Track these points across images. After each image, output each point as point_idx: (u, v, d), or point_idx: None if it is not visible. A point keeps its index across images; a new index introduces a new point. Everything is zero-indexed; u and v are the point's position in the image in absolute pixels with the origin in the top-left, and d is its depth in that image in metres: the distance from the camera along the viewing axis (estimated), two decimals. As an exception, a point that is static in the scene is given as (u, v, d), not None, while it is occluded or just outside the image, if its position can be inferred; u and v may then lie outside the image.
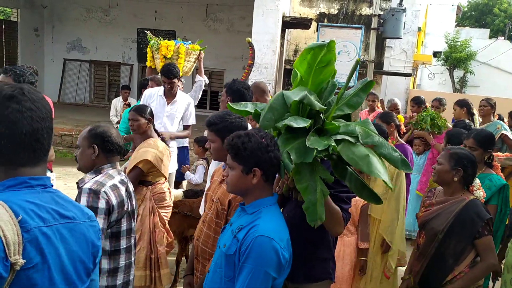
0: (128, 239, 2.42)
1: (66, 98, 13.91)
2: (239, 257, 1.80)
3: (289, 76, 13.11)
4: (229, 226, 2.00)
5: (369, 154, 1.90)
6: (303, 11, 13.82)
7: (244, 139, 1.89)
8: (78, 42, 14.23)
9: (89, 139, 2.36)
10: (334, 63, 2.03)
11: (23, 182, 1.21)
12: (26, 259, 1.11)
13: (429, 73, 24.05)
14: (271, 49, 8.84)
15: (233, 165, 1.92)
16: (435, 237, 2.67)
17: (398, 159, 1.94)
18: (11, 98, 1.21)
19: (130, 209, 2.43)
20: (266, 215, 1.89)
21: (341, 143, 1.93)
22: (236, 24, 13.16)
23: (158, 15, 13.66)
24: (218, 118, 2.44)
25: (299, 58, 2.02)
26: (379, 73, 13.57)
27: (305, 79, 2.04)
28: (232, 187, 1.98)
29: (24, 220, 1.13)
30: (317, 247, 2.28)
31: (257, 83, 4.03)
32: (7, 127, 1.19)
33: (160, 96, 4.72)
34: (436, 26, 24.28)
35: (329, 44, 1.97)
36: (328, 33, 10.16)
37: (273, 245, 1.76)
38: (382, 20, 11.05)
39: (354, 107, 2.12)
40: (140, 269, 3.30)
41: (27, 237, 1.12)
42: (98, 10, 13.97)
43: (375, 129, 2.04)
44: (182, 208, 4.07)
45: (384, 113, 4.70)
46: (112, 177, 2.34)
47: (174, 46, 5.26)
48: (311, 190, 1.94)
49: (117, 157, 2.44)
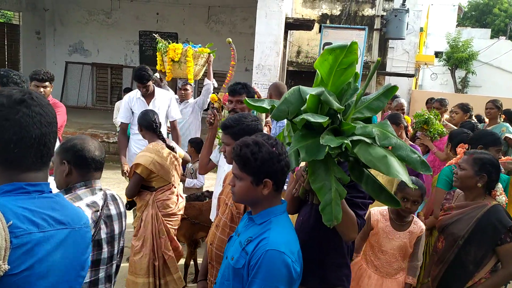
0: (95, 272, 2.06)
1: (68, 101, 13.88)
2: (248, 271, 1.71)
3: (292, 77, 13.11)
4: (236, 236, 1.91)
5: (387, 155, 1.87)
6: (306, 12, 13.80)
7: (254, 149, 1.76)
8: (80, 45, 14.21)
9: (60, 154, 2.06)
10: (355, 64, 2.00)
11: (19, 188, 1.20)
12: (13, 265, 1.09)
13: (431, 74, 24.02)
14: (274, 51, 8.81)
15: (241, 175, 1.79)
16: (455, 242, 2.62)
17: (418, 160, 1.90)
18: (21, 102, 1.21)
19: (104, 236, 2.07)
20: (276, 226, 1.78)
21: (358, 145, 1.90)
22: (238, 25, 13.14)
23: (160, 17, 13.64)
24: (234, 121, 2.41)
25: (320, 59, 1.99)
26: (382, 74, 13.55)
27: (326, 80, 2.02)
28: (240, 198, 1.88)
29: (15, 225, 1.11)
30: (332, 253, 2.25)
31: (277, 84, 4.01)
32: (18, 131, 1.19)
33: (139, 98, 4.69)
34: (437, 27, 24.25)
35: (351, 45, 1.94)
36: (331, 34, 10.14)
37: (284, 259, 1.66)
38: (385, 21, 11.05)
39: (375, 110, 2.08)
40: (142, 277, 3.23)
41: (16, 243, 1.11)
42: (100, 13, 13.95)
43: (392, 129, 2.01)
44: (191, 211, 4.04)
45: (392, 114, 4.67)
46: (79, 199, 1.99)
47: (182, 49, 5.22)
48: (326, 190, 1.91)
49: (95, 173, 2.10)
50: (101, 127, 10.30)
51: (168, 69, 5.12)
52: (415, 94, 15.07)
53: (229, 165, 2.79)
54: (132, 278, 3.26)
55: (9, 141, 1.18)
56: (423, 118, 5.10)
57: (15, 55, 13.30)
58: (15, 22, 13.32)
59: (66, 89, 14.16)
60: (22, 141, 1.19)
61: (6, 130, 1.17)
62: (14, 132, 1.18)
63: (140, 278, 3.25)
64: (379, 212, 3.04)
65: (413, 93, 15.25)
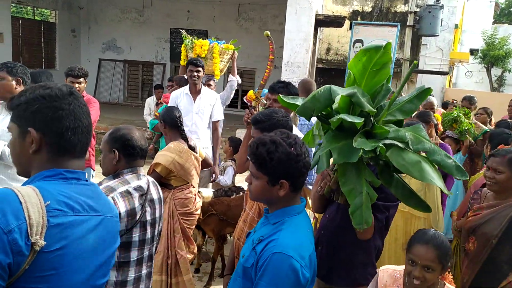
0: (140, 251, 2.21)
1: (101, 97, 14.20)
2: (255, 271, 1.65)
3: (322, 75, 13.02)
4: (253, 233, 1.86)
5: (421, 160, 1.85)
6: (336, 9, 13.67)
7: (270, 148, 1.67)
8: (113, 42, 14.53)
9: (109, 143, 2.24)
10: (389, 65, 1.98)
11: (58, 174, 1.28)
12: (49, 243, 1.16)
13: (466, 72, 23.38)
14: (304, 48, 8.76)
15: (257, 174, 1.72)
16: (488, 242, 2.55)
17: (453, 165, 1.88)
18: (71, 94, 1.31)
19: (149, 218, 2.23)
20: (289, 227, 1.69)
21: (390, 149, 1.88)
22: (269, 23, 13.14)
23: (191, 15, 13.78)
24: (264, 116, 2.41)
25: (354, 60, 1.98)
26: (414, 72, 13.28)
27: (359, 80, 2.00)
28: (255, 197, 1.81)
29: (52, 206, 1.19)
30: (359, 252, 2.24)
31: (305, 81, 3.98)
32: (73, 120, 1.29)
33: (186, 94, 4.71)
34: (473, 23, 23.57)
35: (386, 46, 1.92)
36: (362, 31, 10.00)
37: (291, 263, 1.56)
38: (418, 17, 10.80)
39: (407, 113, 2.06)
40: (155, 274, 3.20)
41: (53, 222, 1.18)
42: (132, 11, 14.21)
43: (425, 133, 1.97)
44: (220, 206, 4.07)
45: (422, 112, 4.57)
46: (127, 183, 2.17)
47: (208, 45, 5.27)
48: (356, 193, 1.90)
49: (140, 161, 2.28)
50: (132, 123, 10.50)
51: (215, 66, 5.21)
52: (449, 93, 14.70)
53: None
54: None
55: (67, 128, 1.28)
56: (452, 116, 4.97)
57: (51, 52, 13.70)
58: (52, 20, 13.73)
59: (99, 85, 14.50)
60: (76, 130, 1.30)
61: (63, 118, 1.27)
62: (70, 120, 1.28)
63: (153, 275, 3.27)
64: (390, 275, 2.22)
65: (446, 91, 14.88)
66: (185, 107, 4.62)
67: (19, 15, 13.06)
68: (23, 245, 1.12)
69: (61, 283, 1.20)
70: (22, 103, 1.28)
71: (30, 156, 1.29)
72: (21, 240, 1.11)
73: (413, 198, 1.97)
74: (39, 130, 1.26)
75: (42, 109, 1.26)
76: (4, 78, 3.13)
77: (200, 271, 4.49)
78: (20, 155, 1.31)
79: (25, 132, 1.27)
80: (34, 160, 1.30)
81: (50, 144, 1.28)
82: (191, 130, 4.60)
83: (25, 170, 1.33)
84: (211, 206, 4.06)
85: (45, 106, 1.27)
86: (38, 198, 1.17)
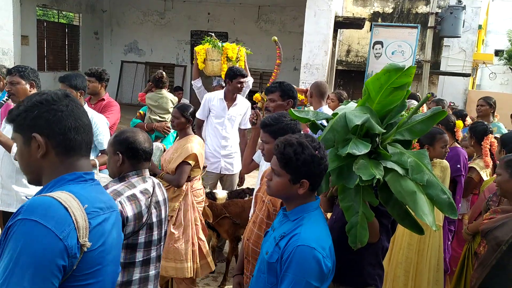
0: (147, 252, 2.25)
1: (123, 98, 14.46)
2: (281, 265, 1.78)
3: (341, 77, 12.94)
4: (272, 231, 1.98)
5: (417, 192, 1.88)
6: (356, 10, 13.59)
7: (297, 149, 1.80)
8: (134, 44, 14.77)
9: (113, 146, 2.27)
10: (407, 87, 1.99)
11: (79, 177, 1.35)
12: (92, 242, 1.26)
13: (490, 73, 22.89)
14: (323, 50, 8.74)
15: (280, 172, 1.85)
16: (498, 247, 2.54)
17: (446, 202, 1.90)
18: (66, 96, 1.37)
19: (155, 220, 2.26)
20: (308, 222, 1.83)
21: (390, 173, 1.92)
22: (288, 25, 13.15)
23: (211, 17, 13.91)
24: (273, 119, 2.45)
25: (373, 77, 2.01)
26: (435, 73, 13.11)
27: (373, 97, 2.02)
28: (275, 193, 1.93)
29: (90, 209, 1.28)
30: (366, 252, 2.25)
31: (318, 83, 3.99)
32: (73, 120, 1.34)
33: (221, 99, 4.79)
34: (498, 24, 23.07)
35: (409, 69, 1.93)
36: (382, 32, 9.93)
37: (314, 254, 1.71)
38: (439, 18, 10.66)
39: (416, 134, 2.06)
40: (183, 262, 3.41)
41: (93, 223, 1.28)
42: (154, 14, 14.42)
43: (430, 164, 1.99)
44: (233, 208, 4.11)
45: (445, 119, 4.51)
46: (133, 186, 2.20)
47: (236, 49, 5.36)
48: (353, 211, 1.95)
49: (145, 163, 2.31)
50: (152, 124, 10.63)
51: (224, 67, 5.26)
52: (472, 95, 14.43)
53: (268, 163, 2.82)
54: (173, 264, 3.40)
55: (70, 128, 1.33)
56: None
57: (75, 54, 14.02)
58: (75, 23, 14.04)
59: (121, 87, 14.76)
60: (79, 129, 1.35)
61: (64, 119, 1.33)
62: (71, 120, 1.33)
63: (182, 263, 3.41)
64: None
65: (469, 93, 14.62)
66: (218, 112, 4.73)
67: (44, 18, 13.40)
68: (75, 248, 1.21)
69: (104, 275, 1.33)
70: (22, 112, 1.33)
71: (39, 161, 1.34)
72: (74, 244, 1.21)
73: (407, 219, 2.01)
74: (43, 134, 1.31)
75: (42, 114, 1.31)
76: (18, 83, 3.24)
77: (215, 271, 4.54)
78: (29, 162, 1.36)
79: (29, 138, 1.32)
80: (44, 165, 1.35)
81: (56, 146, 1.33)
82: (222, 135, 4.74)
83: (37, 177, 1.38)
84: (225, 208, 4.10)
85: (44, 110, 1.31)
86: (77, 202, 1.25)
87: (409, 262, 3.35)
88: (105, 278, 1.34)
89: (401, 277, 3.35)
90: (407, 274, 3.34)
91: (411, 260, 3.35)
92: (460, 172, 3.70)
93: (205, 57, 5.48)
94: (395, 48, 9.69)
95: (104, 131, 3.60)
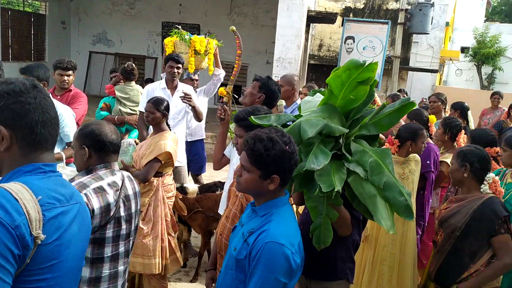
0: (115, 247, 2.18)
1: (92, 90, 14.10)
2: (249, 262, 1.75)
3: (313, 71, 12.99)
4: (240, 226, 1.94)
5: (377, 195, 1.90)
6: (329, 5, 13.68)
7: (268, 145, 1.76)
8: (103, 35, 14.41)
9: (79, 139, 2.20)
10: (371, 81, 1.98)
11: (38, 168, 1.30)
12: (47, 235, 1.21)
13: (456, 70, 23.53)
14: (296, 44, 8.76)
15: (250, 168, 1.81)
16: (452, 234, 2.68)
17: (402, 205, 1.91)
18: (35, 87, 1.31)
19: (123, 214, 2.19)
20: (277, 217, 1.80)
21: (353, 175, 1.93)
22: (261, 18, 13.10)
23: (183, 9, 13.70)
24: (247, 113, 2.43)
25: (333, 75, 1.99)
26: (404, 69, 13.36)
27: (336, 93, 2.01)
28: (245, 189, 1.90)
29: (44, 200, 1.23)
30: (337, 246, 2.27)
31: (287, 76, 3.98)
32: (40, 113, 1.29)
33: (163, 89, 4.65)
34: (464, 21, 23.68)
35: (370, 65, 1.93)
36: (353, 28, 10.03)
37: (283, 251, 1.69)
38: (409, 15, 10.85)
39: (384, 128, 2.06)
40: (151, 258, 3.39)
41: (48, 216, 1.23)
42: (123, 3, 14.10)
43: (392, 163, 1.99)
44: (206, 202, 4.08)
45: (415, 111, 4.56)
46: (101, 179, 2.13)
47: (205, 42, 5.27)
48: (318, 212, 1.96)
49: (113, 156, 2.25)
50: (122, 117, 10.44)
51: (191, 60, 5.17)
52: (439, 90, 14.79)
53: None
54: (141, 260, 3.36)
55: (36, 122, 1.28)
56: None
57: (41, 44, 13.57)
58: (42, 12, 13.57)
59: (89, 78, 14.39)
60: (46, 123, 1.30)
61: (31, 112, 1.27)
62: (38, 114, 1.28)
63: (149, 259, 3.38)
64: None
65: (436, 89, 14.98)
66: None
67: (9, 7, 12.91)
68: (29, 239, 1.17)
69: (62, 271, 1.28)
70: None
71: (1, 154, 1.28)
72: (27, 235, 1.16)
73: (374, 216, 2.03)
74: (8, 126, 1.26)
75: (8, 106, 1.25)
76: None
77: (187, 265, 4.50)
78: None
79: None
80: (5, 157, 1.29)
81: (21, 139, 1.28)
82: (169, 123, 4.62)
83: None
84: (197, 203, 4.06)
85: (11, 102, 1.26)
86: (30, 193, 1.20)
87: (393, 258, 3.40)
88: (64, 274, 1.29)
89: (385, 274, 3.40)
90: (390, 270, 3.40)
91: (395, 256, 3.40)
92: (429, 168, 3.76)
93: (173, 50, 5.39)
94: (366, 44, 9.81)
95: (70, 122, 3.51)
